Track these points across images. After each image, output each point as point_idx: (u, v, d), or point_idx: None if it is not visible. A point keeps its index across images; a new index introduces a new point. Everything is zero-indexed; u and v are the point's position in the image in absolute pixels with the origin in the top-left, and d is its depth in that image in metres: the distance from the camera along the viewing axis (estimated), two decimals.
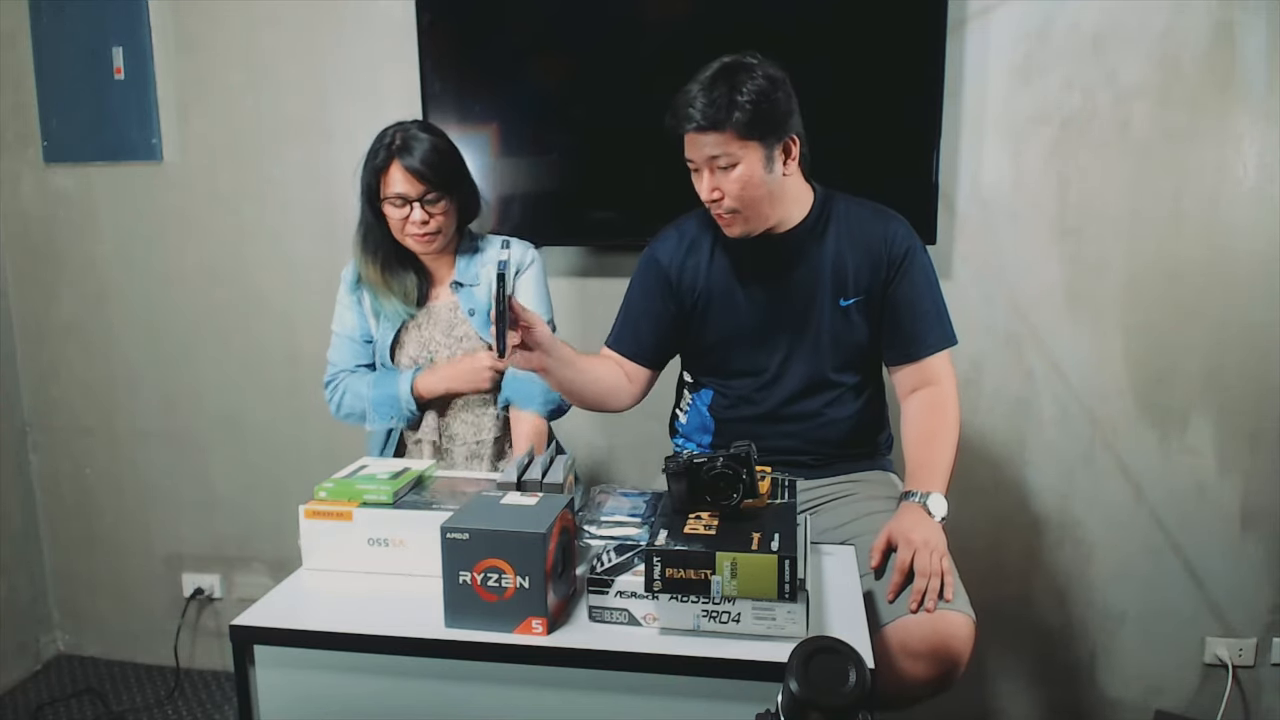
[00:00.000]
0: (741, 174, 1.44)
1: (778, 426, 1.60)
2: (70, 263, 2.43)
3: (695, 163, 1.48)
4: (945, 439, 1.53)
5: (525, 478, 1.32)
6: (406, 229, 1.67)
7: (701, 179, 1.48)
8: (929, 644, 1.32)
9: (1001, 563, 2.17)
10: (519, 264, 1.78)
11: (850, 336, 1.58)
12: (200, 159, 2.32)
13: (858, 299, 1.56)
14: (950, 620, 1.33)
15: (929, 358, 1.57)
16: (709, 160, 1.45)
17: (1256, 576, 2.08)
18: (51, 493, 2.57)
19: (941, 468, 1.49)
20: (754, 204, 1.48)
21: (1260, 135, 1.93)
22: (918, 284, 1.56)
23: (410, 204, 1.64)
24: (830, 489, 1.62)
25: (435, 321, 1.77)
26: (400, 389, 1.72)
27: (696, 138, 1.45)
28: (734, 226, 1.51)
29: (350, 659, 1.15)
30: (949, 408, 1.56)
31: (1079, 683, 2.20)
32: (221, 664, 2.52)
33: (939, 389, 1.57)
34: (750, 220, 1.50)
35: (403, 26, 2.10)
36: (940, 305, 1.59)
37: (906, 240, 1.56)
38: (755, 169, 1.45)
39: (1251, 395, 2.02)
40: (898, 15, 1.94)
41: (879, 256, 1.55)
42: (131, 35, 2.25)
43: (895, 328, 1.57)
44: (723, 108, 1.41)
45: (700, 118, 1.42)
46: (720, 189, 1.46)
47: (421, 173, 1.63)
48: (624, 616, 1.15)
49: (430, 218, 1.65)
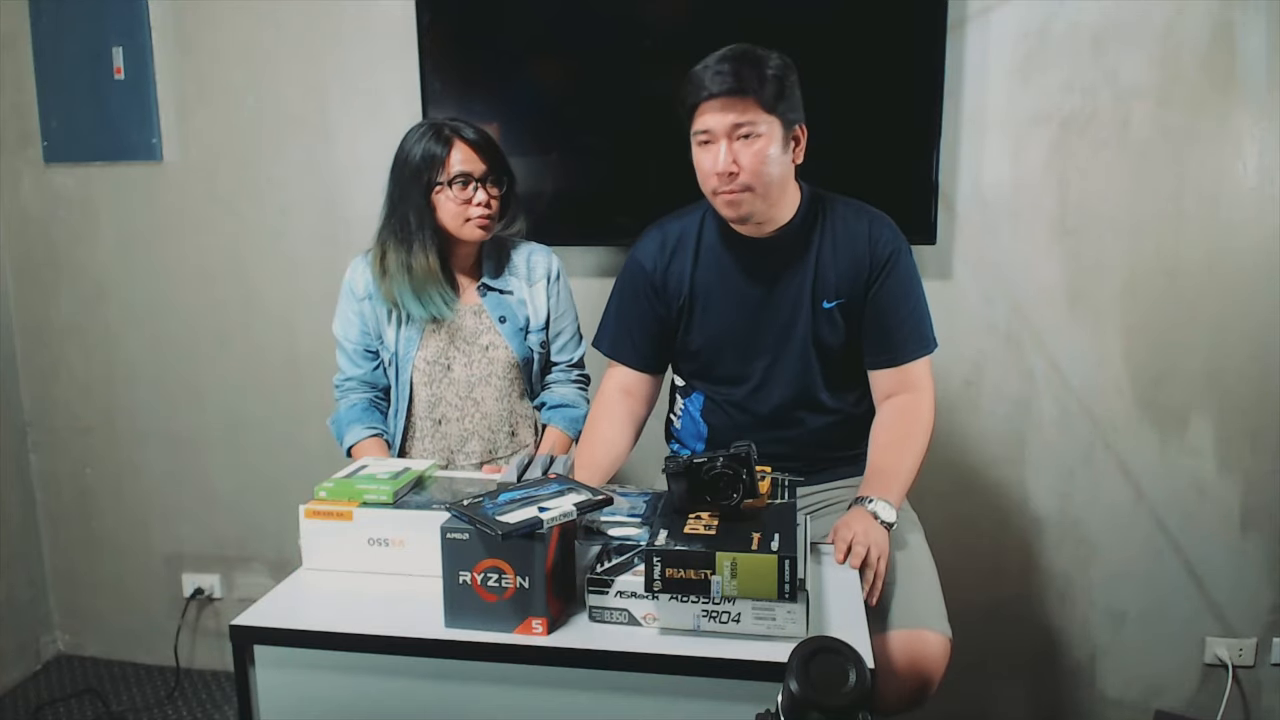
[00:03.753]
0: (761, 147, 1.42)
1: (768, 433, 1.56)
2: (70, 263, 2.43)
3: (712, 134, 1.43)
4: (909, 448, 1.50)
5: (525, 478, 1.32)
6: (470, 212, 1.63)
7: (716, 151, 1.43)
8: (902, 663, 1.33)
9: (1001, 563, 2.17)
10: (548, 273, 1.76)
11: (834, 339, 1.55)
12: (200, 159, 2.32)
13: (840, 301, 1.54)
14: (925, 639, 1.34)
15: (907, 364, 1.54)
16: (731, 129, 1.41)
17: (1256, 576, 2.08)
18: (51, 493, 2.57)
19: (900, 476, 1.47)
20: (767, 183, 1.44)
21: (1260, 135, 1.93)
22: (900, 288, 1.53)
23: (474, 184, 1.63)
24: (824, 495, 1.62)
25: (458, 327, 1.72)
26: (344, 440, 1.73)
27: (719, 105, 1.40)
28: (741, 206, 1.46)
29: (350, 659, 1.15)
30: (920, 417, 1.52)
31: (1079, 683, 2.20)
32: (221, 664, 2.52)
33: (913, 397, 1.53)
34: (760, 200, 1.46)
35: (403, 26, 2.10)
36: (921, 310, 1.56)
37: (892, 243, 1.53)
38: (774, 145, 1.43)
39: (1251, 395, 2.02)
40: (898, 15, 1.94)
41: (862, 258, 1.53)
42: (131, 35, 2.25)
43: (874, 331, 1.55)
44: (751, 77, 1.39)
45: (730, 84, 1.39)
46: (738, 161, 1.42)
47: (485, 149, 1.62)
48: (624, 616, 1.16)
49: (491, 199, 1.64)
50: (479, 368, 1.72)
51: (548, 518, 1.12)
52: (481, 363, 1.72)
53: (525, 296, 1.75)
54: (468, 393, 1.73)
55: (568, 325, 1.80)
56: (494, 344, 1.72)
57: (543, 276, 1.76)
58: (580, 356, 1.83)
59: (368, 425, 1.73)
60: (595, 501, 1.20)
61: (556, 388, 1.80)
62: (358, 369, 1.76)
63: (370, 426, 1.73)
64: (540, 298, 1.75)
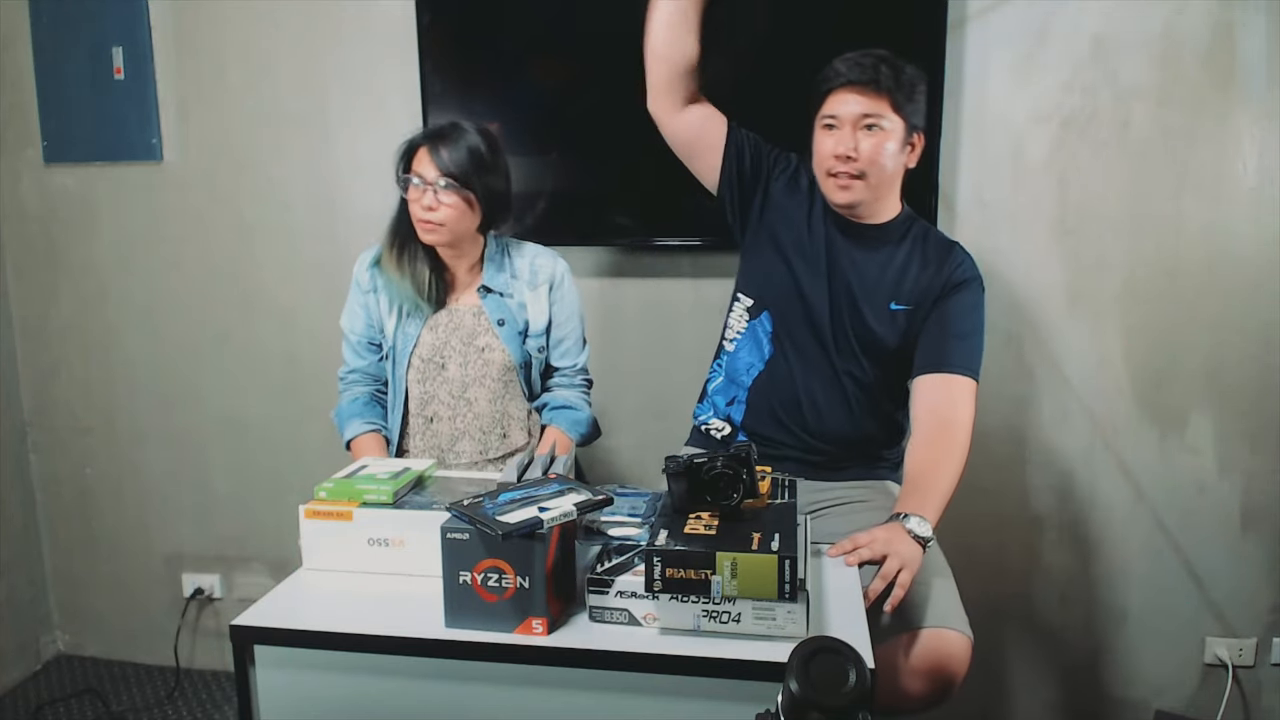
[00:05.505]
0: (881, 140, 1.51)
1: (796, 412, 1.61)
2: (70, 263, 2.43)
3: (839, 119, 1.52)
4: (947, 469, 1.47)
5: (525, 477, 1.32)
6: (415, 212, 1.66)
7: (841, 136, 1.52)
8: (926, 662, 1.33)
9: (1002, 562, 2.17)
10: (551, 279, 1.77)
11: (890, 339, 1.59)
12: (200, 159, 2.32)
13: (907, 308, 1.58)
14: (948, 639, 1.34)
15: (953, 375, 1.53)
16: (858, 118, 1.51)
17: (1256, 576, 2.08)
18: (51, 493, 2.57)
19: (938, 493, 1.44)
20: (880, 175, 1.53)
21: (1260, 135, 1.93)
22: (965, 308, 1.58)
23: (426, 188, 1.64)
24: (832, 494, 1.62)
25: (455, 326, 1.73)
26: (344, 433, 1.75)
27: (853, 94, 1.51)
28: (850, 192, 1.54)
29: (350, 659, 1.15)
30: (959, 439, 1.50)
31: (1079, 683, 2.20)
32: (221, 664, 2.52)
33: (954, 416, 1.51)
34: (870, 190, 1.54)
35: (403, 26, 2.10)
36: (978, 339, 1.58)
37: (971, 272, 1.60)
38: (894, 142, 1.52)
39: (1251, 395, 2.02)
40: (898, 14, 1.93)
41: (941, 275, 1.58)
42: (131, 35, 2.25)
43: (929, 337, 1.57)
44: (888, 75, 1.50)
45: (868, 75, 1.49)
46: (858, 149, 1.51)
47: (441, 157, 1.63)
48: (624, 616, 1.15)
49: (440, 205, 1.64)
50: (474, 368, 1.72)
51: (548, 518, 1.12)
52: (477, 363, 1.72)
53: (526, 300, 1.75)
54: (461, 392, 1.73)
55: (571, 331, 1.80)
56: (490, 346, 1.73)
57: (546, 281, 1.76)
58: (584, 362, 1.83)
59: (367, 420, 1.75)
60: (595, 501, 1.20)
61: (559, 391, 1.80)
62: (361, 360, 1.79)
63: (369, 422, 1.75)
64: (541, 302, 1.76)
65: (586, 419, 1.79)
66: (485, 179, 1.67)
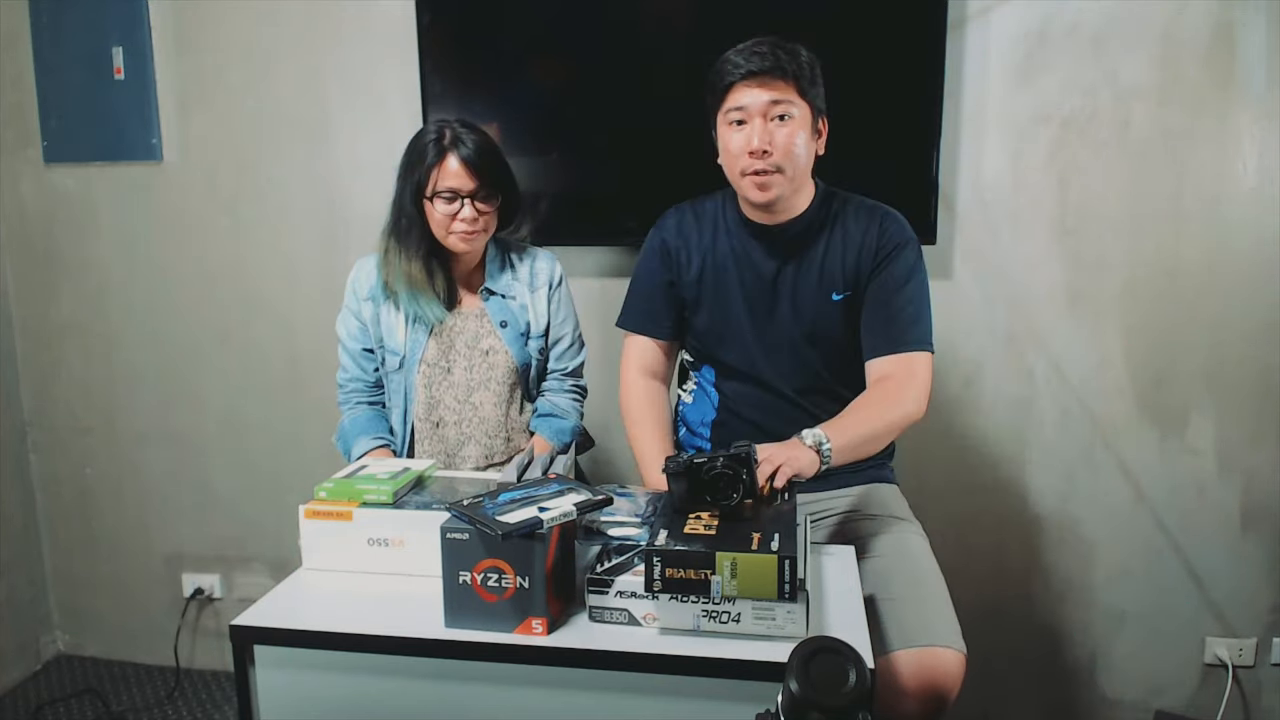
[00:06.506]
0: (793, 130, 1.46)
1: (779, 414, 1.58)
2: (70, 263, 2.43)
3: (747, 111, 1.46)
4: (875, 415, 1.45)
5: (525, 478, 1.32)
6: (453, 226, 1.62)
7: (750, 131, 1.46)
8: (917, 680, 1.31)
9: (1002, 563, 2.17)
10: (549, 280, 1.77)
11: (838, 332, 1.56)
12: (200, 159, 2.32)
13: (847, 294, 1.55)
14: (940, 656, 1.32)
15: (903, 354, 1.50)
16: (767, 107, 1.45)
17: (1256, 576, 2.08)
18: (51, 493, 2.57)
19: (851, 429, 1.40)
20: (796, 166, 1.48)
21: (1260, 135, 1.93)
22: (900, 276, 1.52)
23: (461, 199, 1.62)
24: (832, 503, 1.61)
25: (459, 331, 1.72)
26: (352, 451, 1.72)
27: (756, 84, 1.44)
28: (771, 189, 1.48)
29: (350, 659, 1.15)
30: (902, 400, 1.47)
31: (1079, 683, 2.20)
32: (221, 664, 2.52)
33: (900, 382, 1.48)
34: (788, 182, 1.49)
35: (403, 26, 2.10)
36: (920, 308, 1.53)
37: (898, 236, 1.54)
38: (804, 129, 1.48)
39: (1251, 395, 2.02)
40: (898, 14, 1.94)
41: (868, 249, 1.54)
42: (131, 35, 2.25)
43: (871, 318, 1.53)
44: (790, 60, 1.45)
45: (769, 63, 1.44)
46: (772, 141, 1.45)
47: (478, 166, 1.61)
48: (624, 616, 1.15)
49: (479, 215, 1.63)
50: (479, 372, 1.72)
51: (548, 518, 1.12)
52: (481, 367, 1.72)
53: (527, 302, 1.75)
54: (466, 396, 1.72)
55: (567, 333, 1.79)
56: (494, 348, 1.72)
57: (545, 283, 1.76)
58: (578, 366, 1.82)
59: (374, 435, 1.72)
60: (595, 501, 1.20)
61: (550, 396, 1.79)
62: (359, 368, 1.77)
63: (376, 437, 1.72)
64: (541, 304, 1.75)
65: (570, 428, 1.77)
66: (507, 175, 1.68)
